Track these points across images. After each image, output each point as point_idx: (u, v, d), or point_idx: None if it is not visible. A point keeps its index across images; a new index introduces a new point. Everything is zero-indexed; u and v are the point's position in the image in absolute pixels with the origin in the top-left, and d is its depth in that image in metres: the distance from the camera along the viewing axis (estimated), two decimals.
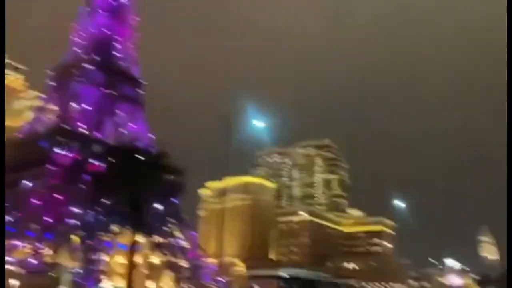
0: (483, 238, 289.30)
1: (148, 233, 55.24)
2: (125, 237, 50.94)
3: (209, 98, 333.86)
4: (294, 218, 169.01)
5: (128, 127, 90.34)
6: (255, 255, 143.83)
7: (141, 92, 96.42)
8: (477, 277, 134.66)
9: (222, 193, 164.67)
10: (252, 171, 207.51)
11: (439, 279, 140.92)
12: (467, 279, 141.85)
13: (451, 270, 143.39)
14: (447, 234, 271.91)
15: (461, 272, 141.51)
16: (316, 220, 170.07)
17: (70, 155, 74.77)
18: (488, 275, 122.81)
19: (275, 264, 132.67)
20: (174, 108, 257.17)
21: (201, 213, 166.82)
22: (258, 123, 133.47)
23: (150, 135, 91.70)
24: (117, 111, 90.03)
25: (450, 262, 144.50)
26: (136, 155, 46.39)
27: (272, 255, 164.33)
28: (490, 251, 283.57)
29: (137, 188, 43.06)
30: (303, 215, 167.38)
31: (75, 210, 65.79)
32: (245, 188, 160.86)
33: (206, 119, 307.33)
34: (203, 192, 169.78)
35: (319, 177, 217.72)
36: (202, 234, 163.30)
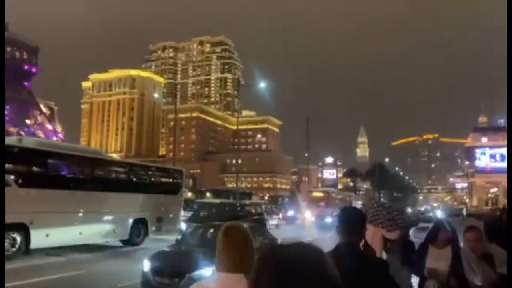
0: (359, 139, 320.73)
1: None
2: None
3: None
4: (184, 115, 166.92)
5: None
6: (142, 151, 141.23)
7: None
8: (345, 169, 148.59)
9: (107, 86, 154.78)
10: (143, 65, 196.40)
11: (318, 174, 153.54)
12: (339, 172, 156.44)
13: (327, 164, 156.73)
14: (327, 136, 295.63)
15: (334, 166, 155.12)
16: (206, 117, 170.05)
17: None
18: (355, 169, 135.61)
19: (163, 160, 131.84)
20: None
21: (83, 106, 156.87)
22: None
23: None
24: None
25: (328, 159, 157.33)
26: None
27: (161, 151, 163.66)
28: (362, 150, 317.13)
29: None
30: (194, 113, 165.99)
31: None
32: (131, 82, 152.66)
33: None
34: (85, 84, 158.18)
35: (214, 76, 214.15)
36: (84, 127, 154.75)
